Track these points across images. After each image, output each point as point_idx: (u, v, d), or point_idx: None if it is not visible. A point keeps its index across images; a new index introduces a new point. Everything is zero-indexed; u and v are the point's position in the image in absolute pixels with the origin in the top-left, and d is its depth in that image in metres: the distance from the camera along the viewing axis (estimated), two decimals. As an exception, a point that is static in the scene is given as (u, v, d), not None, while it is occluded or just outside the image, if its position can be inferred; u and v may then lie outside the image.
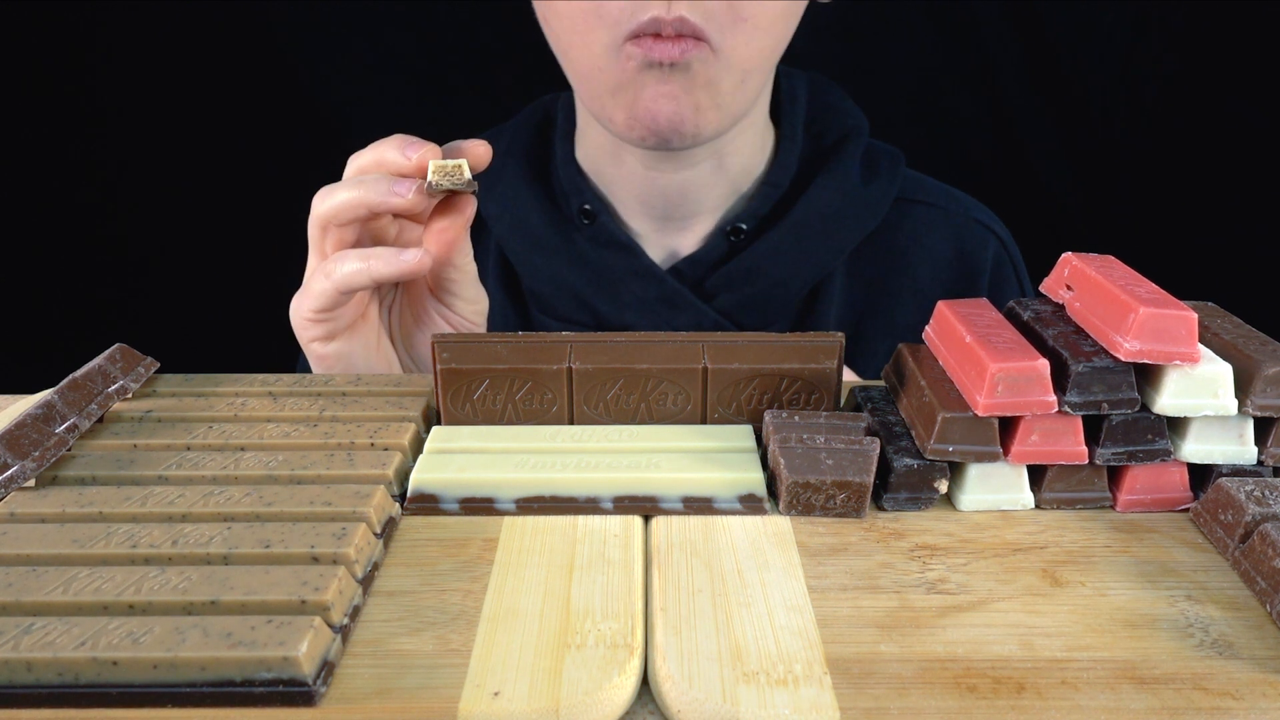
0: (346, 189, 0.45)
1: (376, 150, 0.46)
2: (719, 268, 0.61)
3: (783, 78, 0.65)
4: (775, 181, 0.62)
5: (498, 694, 0.27)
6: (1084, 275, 0.38)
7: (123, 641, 0.26)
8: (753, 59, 0.53)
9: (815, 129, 0.64)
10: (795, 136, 0.63)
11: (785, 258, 0.60)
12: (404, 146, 0.45)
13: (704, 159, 0.60)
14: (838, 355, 0.39)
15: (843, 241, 0.62)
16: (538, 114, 0.67)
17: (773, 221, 0.61)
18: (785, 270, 0.60)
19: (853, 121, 0.64)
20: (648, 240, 0.63)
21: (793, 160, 0.62)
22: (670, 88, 0.52)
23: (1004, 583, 0.32)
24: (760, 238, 0.61)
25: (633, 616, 0.30)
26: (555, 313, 0.63)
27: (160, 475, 0.36)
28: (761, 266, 0.60)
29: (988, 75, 0.97)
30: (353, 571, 0.31)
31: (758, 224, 0.61)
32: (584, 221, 0.62)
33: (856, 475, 0.35)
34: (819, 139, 0.64)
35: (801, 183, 0.62)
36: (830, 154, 0.63)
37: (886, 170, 0.64)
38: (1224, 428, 0.35)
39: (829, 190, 0.61)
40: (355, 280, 0.45)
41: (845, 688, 0.27)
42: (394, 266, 0.45)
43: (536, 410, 0.40)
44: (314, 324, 0.48)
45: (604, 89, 0.54)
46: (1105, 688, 0.27)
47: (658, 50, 0.50)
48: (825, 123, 0.64)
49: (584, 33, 0.53)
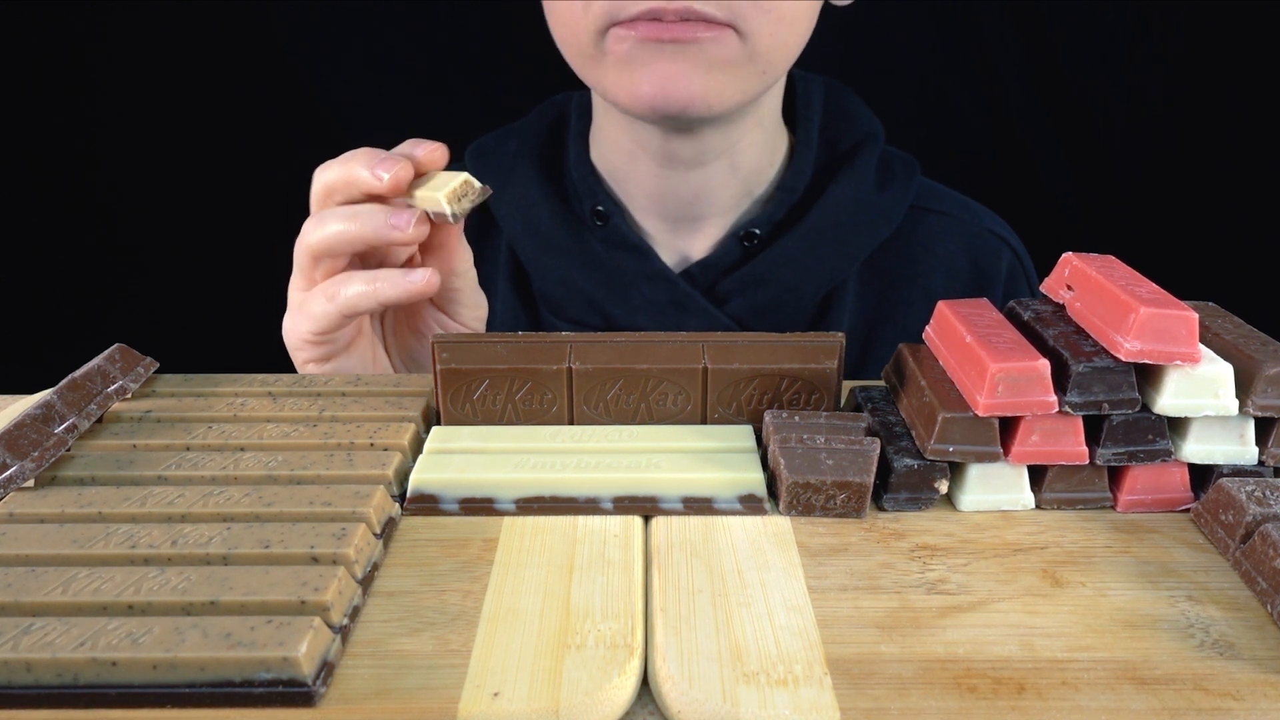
0: (340, 221, 0.44)
1: (345, 167, 0.44)
2: (732, 272, 0.61)
3: (798, 81, 0.64)
4: (790, 187, 0.61)
5: (497, 694, 0.27)
6: (1084, 275, 0.38)
7: (122, 642, 0.26)
8: (778, 50, 0.53)
9: (830, 134, 0.64)
10: (811, 142, 0.62)
11: (799, 264, 0.60)
12: (374, 164, 0.43)
13: (716, 158, 0.59)
14: (838, 355, 0.39)
15: (857, 248, 0.61)
16: (550, 113, 0.66)
17: (787, 227, 0.61)
18: (798, 276, 0.60)
19: (868, 127, 0.64)
20: (660, 243, 0.63)
21: (808, 165, 0.62)
22: (680, 65, 0.51)
23: (1004, 583, 0.32)
24: (774, 243, 0.60)
25: (633, 617, 0.30)
26: (565, 314, 0.62)
27: (160, 475, 0.36)
28: (774, 272, 0.60)
29: (989, 76, 0.97)
30: (352, 572, 0.31)
31: (772, 229, 0.61)
32: (596, 223, 0.61)
33: (857, 475, 0.35)
34: (834, 144, 0.63)
35: (816, 188, 0.62)
36: (845, 160, 0.62)
37: (901, 177, 0.63)
38: (1225, 428, 0.35)
39: (844, 196, 0.61)
40: (361, 304, 0.45)
41: (845, 688, 0.27)
42: (402, 290, 0.44)
43: (536, 410, 0.40)
44: (312, 345, 0.47)
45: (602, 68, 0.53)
46: (1106, 688, 0.27)
47: (655, 30, 0.49)
48: (841, 128, 0.64)
49: (570, 24, 0.52)
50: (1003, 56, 0.96)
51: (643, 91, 0.52)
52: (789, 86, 0.64)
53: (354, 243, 0.44)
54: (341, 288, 0.45)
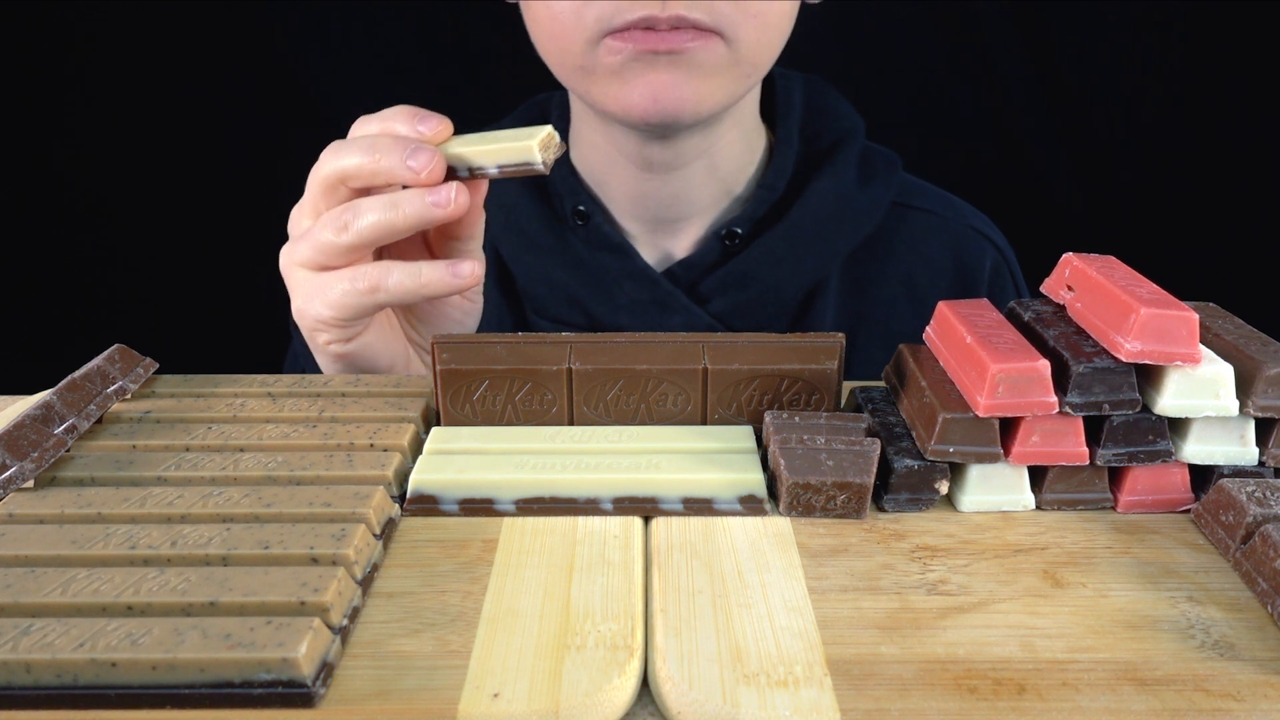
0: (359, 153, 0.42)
1: (384, 124, 0.44)
2: (713, 271, 0.61)
3: (777, 79, 0.64)
4: (770, 185, 0.61)
5: (497, 695, 0.27)
6: (1085, 276, 0.38)
7: (121, 643, 0.26)
8: (762, 53, 0.53)
9: (810, 132, 0.64)
10: (791, 139, 0.62)
11: (780, 262, 0.60)
12: (414, 120, 0.43)
13: (695, 160, 0.59)
14: (838, 356, 0.39)
15: (838, 245, 0.61)
16: (532, 112, 0.66)
17: (768, 225, 0.61)
18: (780, 274, 0.60)
19: (848, 124, 0.64)
20: (641, 242, 0.63)
21: (788, 164, 0.62)
22: (671, 75, 0.51)
23: (1005, 584, 0.32)
24: (755, 242, 0.60)
25: (633, 618, 0.30)
26: (549, 314, 0.62)
27: (159, 476, 0.36)
28: (756, 270, 0.60)
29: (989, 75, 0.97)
30: (352, 573, 0.30)
31: (752, 228, 0.61)
32: (577, 223, 0.61)
33: (857, 476, 0.35)
34: (814, 142, 0.63)
35: (797, 186, 0.62)
36: (825, 157, 0.62)
37: (883, 173, 0.63)
38: (1225, 429, 0.35)
39: (824, 194, 0.61)
40: (407, 298, 0.44)
41: (846, 689, 0.27)
42: (449, 285, 0.43)
43: (536, 411, 0.40)
44: (339, 327, 0.46)
45: (592, 79, 0.53)
46: (1106, 689, 0.27)
47: (649, 41, 0.49)
48: (820, 125, 0.64)
49: (560, 38, 0.52)
50: (1003, 56, 0.96)
51: (634, 102, 0.52)
52: (767, 85, 0.64)
53: (373, 177, 0.43)
54: (385, 278, 0.43)
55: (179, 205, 1.00)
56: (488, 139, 0.44)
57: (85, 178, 1.00)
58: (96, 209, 1.01)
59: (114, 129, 0.98)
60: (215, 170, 0.98)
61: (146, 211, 1.01)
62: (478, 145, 0.44)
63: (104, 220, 1.02)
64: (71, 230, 1.02)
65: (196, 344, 0.80)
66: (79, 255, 1.03)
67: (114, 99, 0.97)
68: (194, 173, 0.99)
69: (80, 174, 1.00)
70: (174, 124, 0.97)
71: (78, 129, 0.98)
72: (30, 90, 0.95)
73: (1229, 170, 0.98)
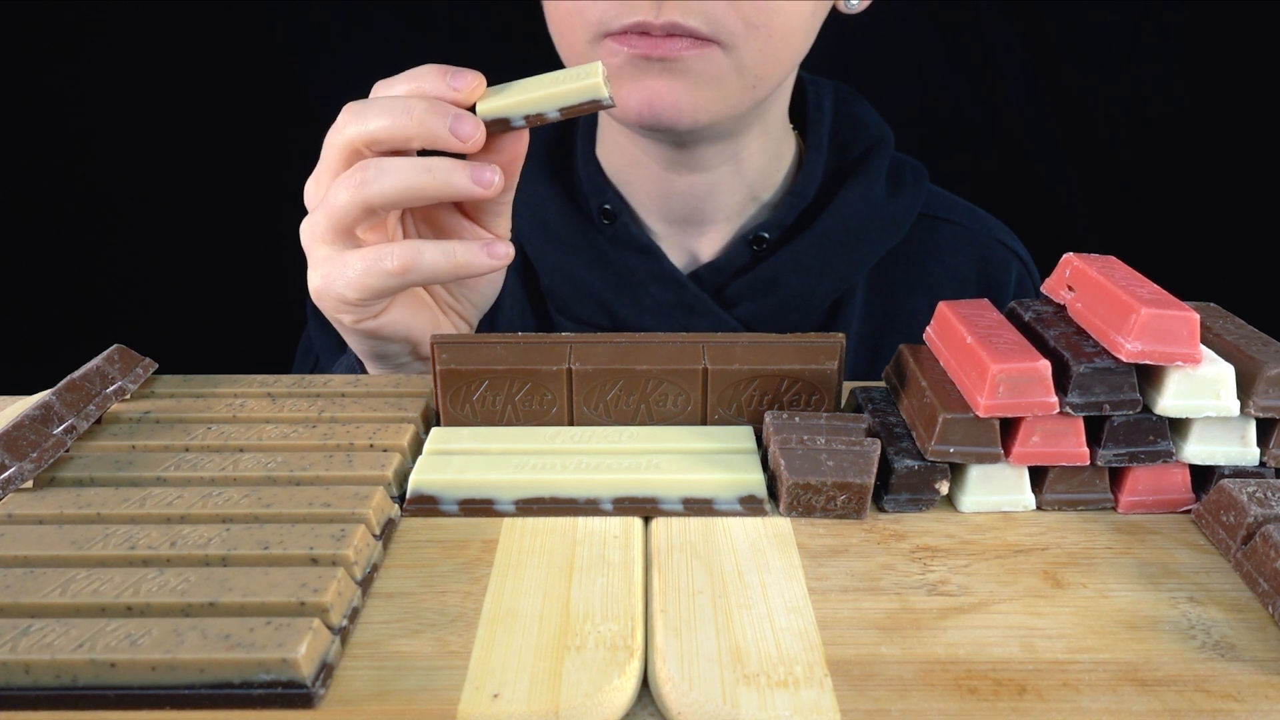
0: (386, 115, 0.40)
1: (412, 83, 0.41)
2: (740, 276, 0.60)
3: (808, 85, 0.64)
4: (800, 192, 0.61)
5: (497, 696, 0.27)
6: (1085, 276, 0.38)
7: (121, 643, 0.26)
8: (767, 65, 0.52)
9: (840, 140, 0.64)
10: (821, 147, 0.62)
11: (808, 269, 0.60)
12: (446, 76, 0.40)
13: (720, 163, 0.59)
14: (838, 356, 0.39)
15: (866, 255, 0.61)
16: None
17: (797, 232, 0.61)
18: (808, 281, 0.60)
19: (877, 133, 0.64)
20: (667, 243, 0.62)
21: (818, 171, 0.62)
22: (667, 82, 0.51)
23: (1005, 584, 0.32)
24: (783, 248, 0.60)
25: (633, 618, 0.30)
26: (572, 313, 0.62)
27: (159, 476, 0.36)
28: (783, 277, 0.60)
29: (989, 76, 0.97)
30: (352, 573, 0.30)
31: (780, 233, 0.61)
32: (604, 222, 0.61)
33: (857, 476, 0.35)
34: (845, 150, 0.63)
35: (827, 193, 0.61)
36: (856, 166, 0.62)
37: (911, 184, 0.63)
38: (1226, 429, 0.35)
39: (854, 203, 0.61)
40: (438, 279, 0.42)
41: (846, 689, 0.27)
42: (485, 266, 0.42)
43: (536, 411, 0.40)
44: (363, 306, 0.44)
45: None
46: (1107, 690, 0.27)
47: (643, 46, 0.49)
48: (851, 134, 0.64)
49: (565, 34, 0.53)
50: (1003, 56, 0.96)
51: (630, 106, 0.52)
52: (798, 90, 0.64)
53: (407, 142, 0.40)
54: (417, 257, 0.41)
55: (179, 205, 1.00)
56: (536, 85, 0.41)
57: (85, 178, 1.00)
58: (96, 209, 1.01)
59: (114, 129, 0.98)
60: (215, 170, 0.98)
61: (146, 211, 1.01)
62: (532, 92, 0.41)
63: (104, 220, 1.02)
64: (71, 230, 1.02)
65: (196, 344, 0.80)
66: (79, 255, 1.02)
67: (114, 99, 0.97)
68: (194, 173, 0.99)
69: (80, 174, 1.00)
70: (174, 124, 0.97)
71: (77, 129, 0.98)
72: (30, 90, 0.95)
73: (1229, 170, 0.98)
